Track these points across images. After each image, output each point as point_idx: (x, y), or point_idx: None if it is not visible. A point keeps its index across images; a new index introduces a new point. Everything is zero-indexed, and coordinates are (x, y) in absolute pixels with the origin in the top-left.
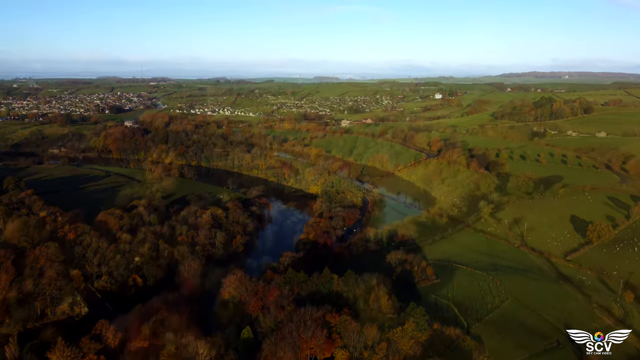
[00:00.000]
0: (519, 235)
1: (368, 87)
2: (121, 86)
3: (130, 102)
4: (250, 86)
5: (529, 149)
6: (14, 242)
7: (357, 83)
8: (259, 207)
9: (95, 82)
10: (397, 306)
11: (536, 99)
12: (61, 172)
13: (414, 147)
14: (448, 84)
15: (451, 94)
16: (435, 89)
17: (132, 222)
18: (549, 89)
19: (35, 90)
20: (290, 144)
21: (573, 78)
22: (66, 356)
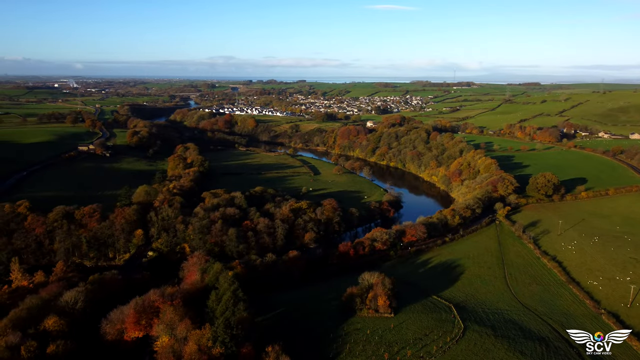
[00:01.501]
0: (531, 238)
1: (399, 87)
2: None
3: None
4: (282, 86)
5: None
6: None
7: (388, 83)
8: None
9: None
10: None
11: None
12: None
13: (435, 148)
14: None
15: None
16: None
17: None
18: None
19: (74, 90)
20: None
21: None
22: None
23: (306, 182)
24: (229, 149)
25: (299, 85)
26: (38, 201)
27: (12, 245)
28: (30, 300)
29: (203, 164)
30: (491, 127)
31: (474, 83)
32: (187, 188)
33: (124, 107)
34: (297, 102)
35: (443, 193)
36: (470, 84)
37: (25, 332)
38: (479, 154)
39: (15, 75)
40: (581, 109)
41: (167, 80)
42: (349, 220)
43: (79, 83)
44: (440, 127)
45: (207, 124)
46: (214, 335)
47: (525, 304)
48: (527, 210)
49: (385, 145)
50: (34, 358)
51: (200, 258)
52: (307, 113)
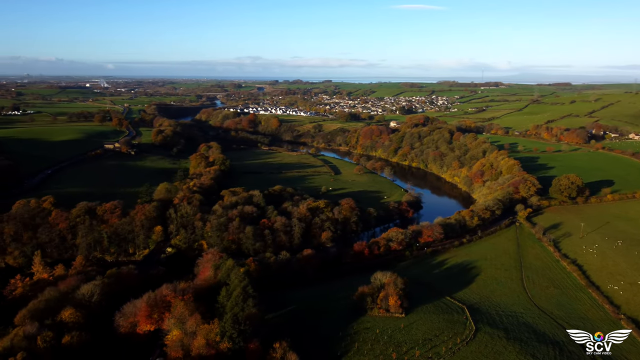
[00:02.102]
0: (551, 240)
1: (425, 87)
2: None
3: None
4: (307, 86)
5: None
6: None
7: (414, 84)
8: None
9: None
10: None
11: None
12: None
13: (458, 149)
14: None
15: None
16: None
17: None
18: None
19: (105, 89)
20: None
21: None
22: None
23: (326, 181)
24: (252, 148)
25: (325, 86)
26: (63, 197)
27: (37, 239)
28: (49, 292)
29: (224, 163)
30: (517, 127)
31: (502, 83)
32: (207, 186)
33: (151, 107)
34: (322, 102)
35: (464, 194)
36: (498, 84)
37: (43, 322)
38: (501, 155)
39: (50, 75)
40: (612, 109)
41: (195, 80)
42: (366, 220)
43: (109, 83)
44: (464, 128)
45: (231, 123)
46: (222, 330)
47: (542, 307)
48: (549, 213)
49: (407, 146)
50: (49, 348)
51: (215, 255)
52: (331, 113)
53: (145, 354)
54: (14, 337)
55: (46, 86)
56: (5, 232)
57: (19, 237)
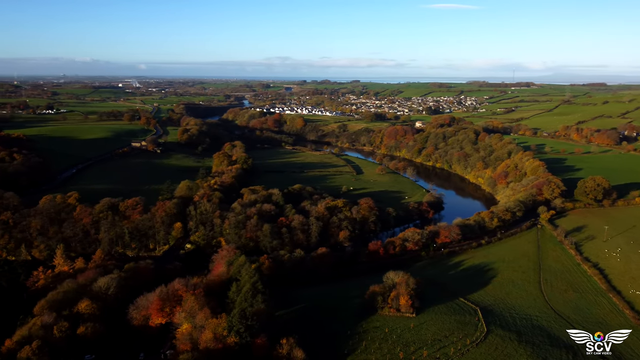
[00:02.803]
0: (573, 243)
1: (454, 87)
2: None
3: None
4: (335, 86)
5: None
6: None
7: (442, 84)
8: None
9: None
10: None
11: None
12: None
13: (483, 149)
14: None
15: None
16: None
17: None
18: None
19: (137, 89)
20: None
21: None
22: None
23: (347, 181)
24: (276, 147)
25: (352, 86)
26: (89, 193)
27: (62, 233)
28: (67, 284)
29: (246, 162)
30: (546, 128)
31: (534, 83)
32: (228, 184)
33: (179, 106)
34: (349, 102)
35: (488, 195)
36: (529, 84)
37: (60, 313)
38: (527, 156)
39: (85, 76)
40: None
41: (224, 81)
42: (385, 220)
43: (141, 83)
44: (491, 128)
45: (257, 122)
46: (229, 324)
47: (558, 310)
48: (573, 215)
49: (431, 146)
50: (65, 338)
51: (230, 251)
52: (356, 113)
53: (157, 346)
54: (32, 326)
55: (80, 86)
56: (32, 226)
57: (45, 231)
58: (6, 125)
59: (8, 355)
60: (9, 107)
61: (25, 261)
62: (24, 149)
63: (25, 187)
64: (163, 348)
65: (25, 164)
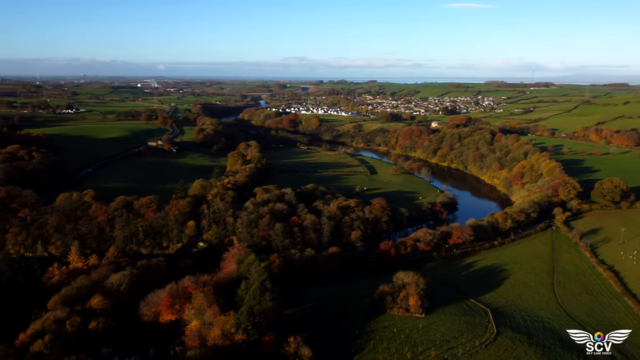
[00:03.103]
0: (588, 245)
1: (471, 88)
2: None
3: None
4: (351, 87)
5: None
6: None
7: (460, 84)
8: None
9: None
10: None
11: None
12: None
13: (499, 150)
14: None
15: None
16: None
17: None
18: None
19: (155, 89)
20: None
21: None
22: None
23: (361, 181)
24: (291, 147)
25: (369, 86)
26: (104, 191)
27: (78, 230)
28: (80, 280)
29: (260, 161)
30: (564, 129)
31: (553, 84)
32: (241, 183)
33: (196, 106)
34: (365, 102)
35: (503, 196)
36: (548, 84)
37: (73, 308)
38: (543, 157)
39: (104, 76)
40: None
41: (241, 81)
42: (398, 221)
43: (159, 83)
44: (508, 129)
45: (273, 122)
46: (237, 322)
47: (571, 313)
48: (590, 217)
49: (447, 146)
50: (76, 332)
51: (240, 249)
52: (372, 113)
53: (167, 342)
54: (45, 320)
55: (100, 86)
56: (49, 223)
57: (62, 228)
58: (27, 124)
59: (22, 349)
60: (30, 107)
61: (41, 257)
62: (42, 148)
63: (44, 185)
64: (172, 344)
65: (43, 162)
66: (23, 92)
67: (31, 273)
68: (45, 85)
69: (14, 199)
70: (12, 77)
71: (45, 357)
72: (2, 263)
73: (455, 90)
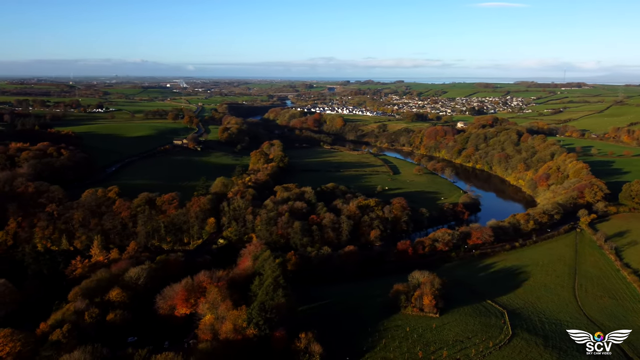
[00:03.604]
0: (613, 248)
1: (500, 88)
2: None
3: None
4: (378, 87)
5: None
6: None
7: (488, 84)
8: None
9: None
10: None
11: None
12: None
13: (525, 151)
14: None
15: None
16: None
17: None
18: None
19: (184, 89)
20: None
21: None
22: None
23: (383, 181)
24: (314, 146)
25: (396, 86)
26: (129, 188)
27: (102, 225)
28: (100, 273)
29: (283, 160)
30: (595, 130)
31: (586, 84)
32: (262, 181)
33: (222, 106)
34: (391, 102)
35: (528, 198)
36: (581, 84)
37: (92, 300)
38: (570, 158)
39: (135, 76)
40: None
41: (269, 81)
42: (418, 221)
43: (188, 83)
44: (535, 129)
45: (297, 122)
46: (249, 316)
47: (591, 317)
48: (616, 219)
49: (472, 147)
50: (95, 323)
51: (257, 246)
52: (398, 113)
53: (182, 335)
54: (65, 311)
55: (130, 86)
56: (75, 218)
57: (87, 223)
58: (58, 122)
59: (42, 337)
60: (62, 106)
61: (64, 251)
62: (71, 145)
63: (71, 181)
64: (187, 337)
65: (71, 159)
66: (57, 91)
67: (55, 266)
68: (77, 85)
69: (42, 194)
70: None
71: (63, 346)
72: (28, 256)
73: (483, 90)
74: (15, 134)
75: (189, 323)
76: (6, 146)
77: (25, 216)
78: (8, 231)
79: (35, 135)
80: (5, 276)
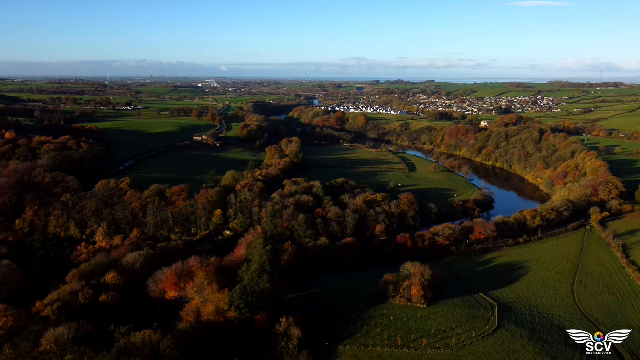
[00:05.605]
0: (620, 246)
1: (532, 88)
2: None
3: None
4: (407, 87)
5: None
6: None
7: (520, 84)
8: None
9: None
10: None
11: None
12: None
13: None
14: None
15: None
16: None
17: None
18: None
19: (214, 89)
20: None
21: None
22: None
23: (397, 178)
24: (334, 144)
25: (425, 86)
26: (143, 180)
27: (113, 215)
28: (99, 257)
29: (297, 156)
30: (625, 130)
31: (623, 84)
32: (273, 176)
33: (248, 104)
34: (418, 101)
35: (545, 196)
36: (618, 84)
37: (89, 282)
38: (590, 156)
39: (169, 77)
40: None
41: (299, 81)
42: (426, 217)
43: (219, 83)
44: (561, 128)
45: (320, 120)
46: (230, 299)
47: (586, 312)
48: (630, 218)
49: (492, 145)
50: (88, 304)
51: (254, 235)
52: (423, 112)
53: (171, 317)
54: (62, 291)
55: (162, 86)
56: (88, 207)
57: (99, 213)
58: (86, 119)
59: (36, 315)
60: (92, 104)
61: (71, 237)
62: (92, 140)
63: (88, 173)
64: (175, 319)
65: (90, 152)
66: (91, 90)
67: (62, 251)
68: (112, 85)
69: (57, 185)
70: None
71: (51, 322)
72: (36, 241)
73: (514, 90)
74: (42, 128)
75: (180, 306)
76: (30, 140)
77: (42, 205)
78: (25, 219)
79: (59, 130)
80: (15, 260)
